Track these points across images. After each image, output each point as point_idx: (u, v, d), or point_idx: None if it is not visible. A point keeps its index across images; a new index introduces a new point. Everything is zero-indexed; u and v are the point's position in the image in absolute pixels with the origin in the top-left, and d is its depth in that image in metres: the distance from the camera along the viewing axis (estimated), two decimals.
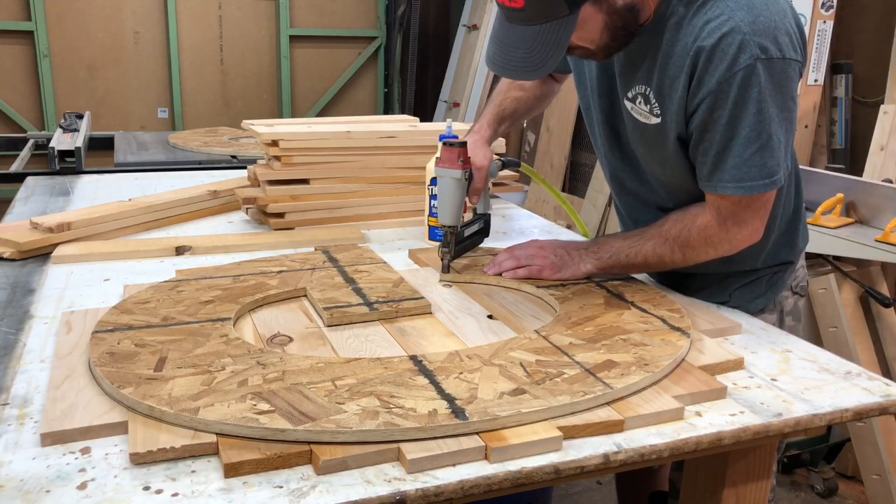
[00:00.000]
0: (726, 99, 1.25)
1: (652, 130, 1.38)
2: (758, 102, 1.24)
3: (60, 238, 1.74)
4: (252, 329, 1.30)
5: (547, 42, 1.24)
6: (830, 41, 3.24)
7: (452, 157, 1.51)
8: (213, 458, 0.91)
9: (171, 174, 2.64)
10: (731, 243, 1.37)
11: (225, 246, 1.77)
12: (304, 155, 1.94)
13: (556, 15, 1.22)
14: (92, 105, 5.54)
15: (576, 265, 1.50)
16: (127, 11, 5.68)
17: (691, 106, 1.30)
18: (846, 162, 3.36)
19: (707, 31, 1.25)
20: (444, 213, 1.55)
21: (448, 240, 1.56)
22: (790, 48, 1.25)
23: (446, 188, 1.53)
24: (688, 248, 1.39)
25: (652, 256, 1.42)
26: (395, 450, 0.91)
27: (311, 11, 6.20)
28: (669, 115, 1.34)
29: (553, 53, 1.25)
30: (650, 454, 0.98)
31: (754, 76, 1.22)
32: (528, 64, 1.27)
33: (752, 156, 1.27)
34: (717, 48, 1.23)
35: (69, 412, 0.98)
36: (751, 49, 1.22)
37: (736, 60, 1.22)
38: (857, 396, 1.13)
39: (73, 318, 1.30)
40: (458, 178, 1.52)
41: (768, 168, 1.27)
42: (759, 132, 1.25)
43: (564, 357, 1.14)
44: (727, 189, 1.30)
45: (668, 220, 1.41)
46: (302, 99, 6.30)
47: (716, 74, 1.24)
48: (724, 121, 1.26)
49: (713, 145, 1.29)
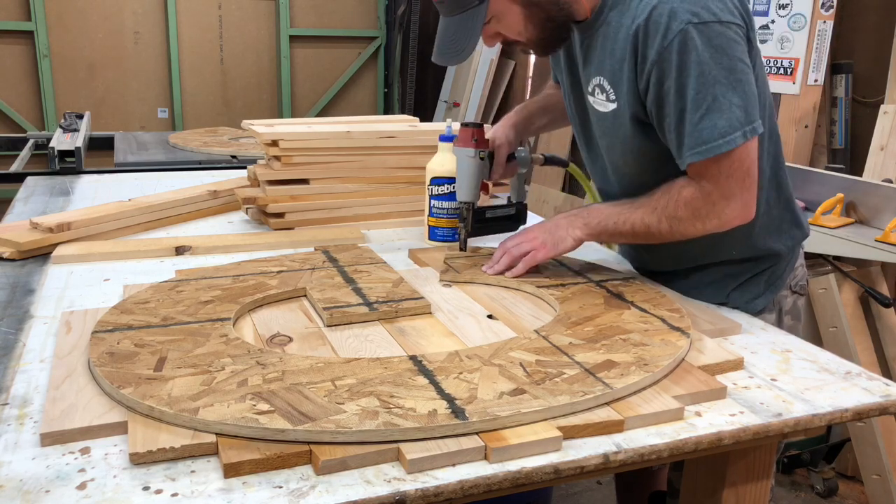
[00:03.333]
0: (669, 67, 1.28)
1: (610, 118, 1.42)
2: (698, 65, 1.26)
3: (60, 238, 1.74)
4: (252, 329, 1.30)
5: (464, 30, 1.38)
6: (830, 41, 3.24)
7: (467, 136, 1.65)
8: (212, 459, 0.91)
9: (171, 174, 2.64)
10: (720, 218, 1.36)
11: (225, 246, 1.77)
12: (304, 155, 1.94)
13: (469, 5, 1.36)
14: (92, 105, 5.54)
15: (567, 235, 1.49)
16: (127, 11, 5.68)
17: (642, 84, 1.33)
18: (846, 162, 3.36)
19: (640, 9, 1.31)
20: (459, 189, 1.68)
21: (464, 216, 1.67)
22: (726, 12, 1.28)
23: (460, 166, 1.66)
24: (675, 219, 1.38)
25: (640, 225, 1.41)
26: (395, 450, 0.91)
27: (311, 11, 6.20)
28: (622, 98, 1.38)
29: (469, 41, 1.39)
30: (650, 454, 0.98)
31: (689, 41, 1.26)
32: (451, 51, 1.41)
33: (701, 119, 1.28)
34: (650, 21, 1.28)
35: (69, 412, 0.98)
36: (681, 16, 1.26)
37: (669, 28, 1.26)
38: (856, 396, 1.13)
39: (72, 318, 1.30)
40: (470, 155, 1.64)
41: (719, 128, 1.28)
42: (705, 95, 1.27)
43: (564, 357, 1.14)
44: (689, 157, 1.32)
45: (658, 191, 1.41)
46: (302, 99, 6.30)
47: (654, 46, 1.28)
48: (672, 91, 1.29)
49: (671, 119, 1.32)
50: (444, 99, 5.87)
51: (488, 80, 5.39)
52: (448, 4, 1.38)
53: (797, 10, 3.24)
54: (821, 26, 3.21)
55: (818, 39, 3.22)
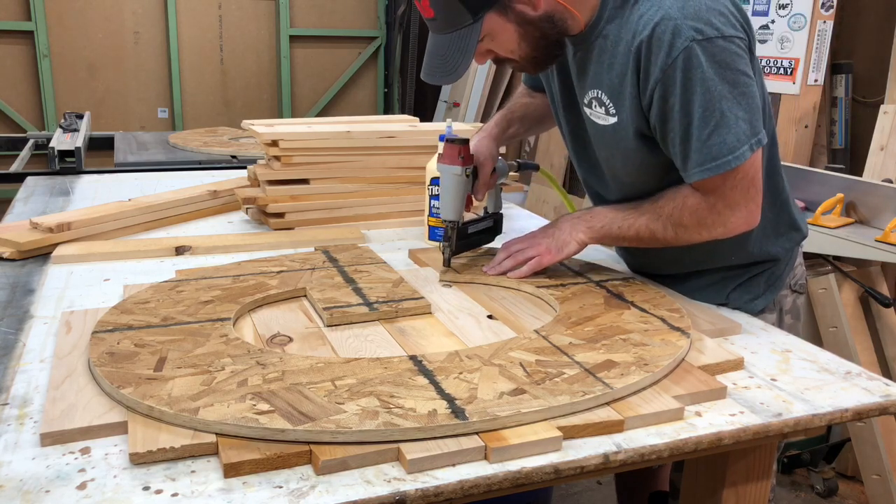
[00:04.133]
0: (674, 84, 1.27)
1: (610, 131, 1.41)
2: (703, 82, 1.26)
3: (60, 238, 1.74)
4: (252, 329, 1.30)
5: (458, 49, 1.35)
6: (830, 41, 3.24)
7: (453, 153, 1.56)
8: (212, 458, 0.91)
9: (171, 174, 2.64)
10: (725, 226, 1.37)
11: (225, 246, 1.77)
12: (304, 155, 1.94)
13: (462, 23, 1.32)
14: (92, 105, 5.54)
15: (571, 238, 1.49)
16: (127, 11, 5.68)
17: (645, 100, 1.33)
18: (846, 162, 3.36)
19: (642, 25, 1.29)
20: (444, 207, 1.59)
21: (448, 234, 1.59)
22: (728, 26, 1.28)
23: (446, 183, 1.58)
24: (680, 227, 1.38)
25: (645, 231, 1.42)
26: (395, 450, 0.91)
27: (311, 11, 6.20)
28: (624, 112, 1.37)
29: (462, 59, 1.35)
30: (650, 454, 0.98)
31: (694, 58, 1.25)
32: (444, 69, 1.38)
33: (710, 136, 1.28)
34: (653, 38, 1.27)
35: (69, 412, 0.98)
36: (685, 32, 1.25)
37: (673, 45, 1.26)
38: (856, 396, 1.13)
39: (72, 318, 1.30)
40: (457, 174, 1.56)
41: (728, 144, 1.28)
42: (712, 111, 1.27)
43: (564, 357, 1.14)
44: (696, 175, 1.31)
45: (662, 197, 1.41)
46: (302, 99, 6.30)
47: (658, 63, 1.27)
48: (677, 107, 1.29)
49: (676, 134, 1.31)
50: (444, 99, 5.86)
51: (488, 80, 5.39)
52: (440, 22, 1.34)
53: (797, 10, 3.24)
54: (821, 26, 3.21)
55: (818, 39, 3.22)
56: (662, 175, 1.42)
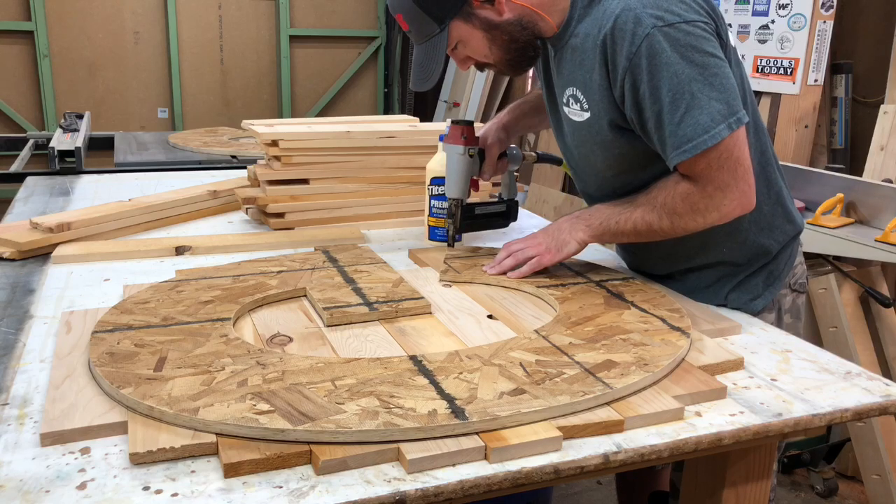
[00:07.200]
0: (641, 73, 1.29)
1: (585, 126, 1.44)
2: (668, 67, 1.27)
3: (60, 238, 1.74)
4: (252, 329, 1.30)
5: (431, 57, 1.46)
6: (830, 41, 3.24)
7: (456, 133, 1.67)
8: (212, 458, 0.91)
9: (171, 174, 2.64)
10: (719, 210, 1.36)
11: (225, 246, 1.77)
12: (304, 155, 1.94)
13: (431, 33, 1.43)
14: (92, 105, 5.54)
15: (570, 238, 1.50)
16: (127, 11, 5.68)
17: (617, 91, 1.35)
18: (846, 162, 3.36)
19: (606, 18, 1.33)
20: (448, 185, 1.70)
21: (453, 211, 1.69)
22: (690, 11, 1.30)
23: (450, 162, 1.69)
24: (675, 215, 1.38)
25: (641, 223, 1.42)
26: (395, 450, 0.91)
27: (311, 11, 6.20)
28: (595, 106, 1.40)
29: (435, 66, 1.47)
30: (650, 454, 0.98)
31: (657, 44, 1.27)
32: (422, 76, 1.50)
33: (682, 118, 1.29)
34: (615, 29, 1.30)
35: (69, 412, 0.98)
36: (645, 21, 1.28)
37: (635, 34, 1.28)
38: (856, 396, 1.13)
39: (72, 318, 1.30)
40: (460, 153, 1.67)
41: (702, 125, 1.28)
42: (682, 94, 1.28)
43: (564, 357, 1.14)
44: (676, 157, 1.32)
45: (655, 187, 1.41)
46: (302, 99, 6.30)
47: (623, 53, 1.30)
48: (647, 95, 1.30)
49: (651, 122, 1.33)
50: (444, 99, 5.86)
51: (488, 80, 5.39)
52: (415, 34, 1.46)
53: (797, 10, 3.24)
54: (821, 26, 3.21)
55: (818, 39, 3.22)
56: (645, 164, 1.42)
